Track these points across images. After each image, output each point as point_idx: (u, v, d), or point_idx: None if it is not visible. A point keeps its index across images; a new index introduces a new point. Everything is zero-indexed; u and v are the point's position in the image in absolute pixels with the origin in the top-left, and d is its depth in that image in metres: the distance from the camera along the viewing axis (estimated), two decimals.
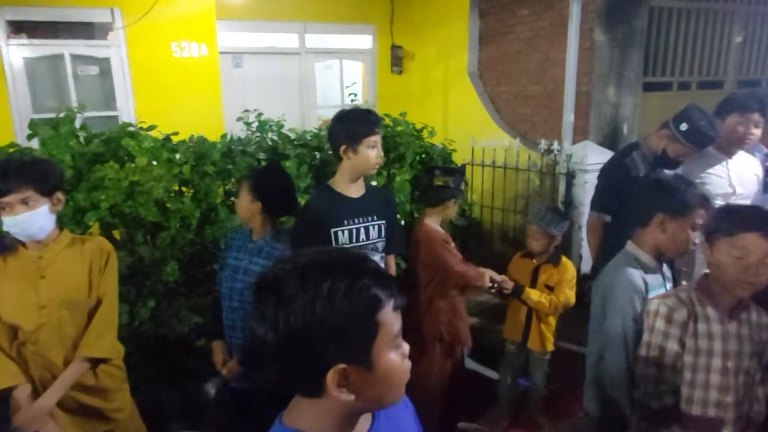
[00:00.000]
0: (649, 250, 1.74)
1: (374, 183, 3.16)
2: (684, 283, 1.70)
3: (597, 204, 2.69)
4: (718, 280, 1.52)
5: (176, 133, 3.02)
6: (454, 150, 3.69)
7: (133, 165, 2.69)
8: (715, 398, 1.52)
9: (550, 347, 2.67)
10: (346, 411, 0.82)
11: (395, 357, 0.82)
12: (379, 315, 0.79)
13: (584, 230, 3.11)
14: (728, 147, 2.65)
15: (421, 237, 2.52)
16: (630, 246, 1.79)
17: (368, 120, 2.03)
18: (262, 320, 0.78)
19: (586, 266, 3.95)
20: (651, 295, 1.69)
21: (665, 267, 1.84)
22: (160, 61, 4.52)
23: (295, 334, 0.75)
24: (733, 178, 2.66)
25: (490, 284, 2.53)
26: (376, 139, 2.04)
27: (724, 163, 2.67)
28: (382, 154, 2.10)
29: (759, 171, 2.76)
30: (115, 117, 4.52)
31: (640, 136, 3.21)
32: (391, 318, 0.80)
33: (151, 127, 2.93)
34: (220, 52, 4.89)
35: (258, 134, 3.28)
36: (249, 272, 2.07)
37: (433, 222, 2.53)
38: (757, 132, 2.61)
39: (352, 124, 2.04)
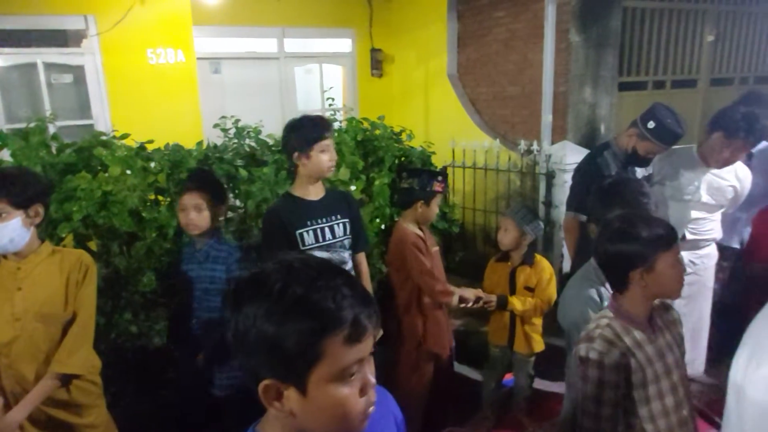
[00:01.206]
0: None
1: (353, 187, 3.15)
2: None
3: (572, 204, 2.72)
4: (635, 297, 1.44)
5: (151, 141, 2.98)
6: (433, 152, 3.70)
7: (106, 175, 2.65)
8: (676, 420, 1.44)
9: (538, 348, 2.68)
10: (299, 428, 0.79)
11: (342, 391, 0.75)
12: (324, 342, 0.72)
13: None
14: (707, 159, 2.67)
15: (393, 239, 2.52)
16: (593, 258, 1.78)
17: (317, 126, 2.12)
18: (228, 321, 0.78)
19: (568, 265, 3.99)
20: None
21: None
22: (135, 68, 4.47)
23: (239, 339, 0.75)
24: (704, 187, 2.69)
25: (473, 302, 2.53)
26: (326, 143, 2.12)
27: (700, 171, 2.69)
28: (335, 157, 2.17)
29: (737, 183, 2.75)
30: (91, 125, 4.45)
31: (613, 136, 3.25)
32: (340, 349, 0.73)
33: (124, 136, 2.89)
34: (198, 58, 4.85)
35: (235, 141, 3.26)
36: (201, 279, 2.16)
37: (408, 223, 2.53)
38: (741, 156, 2.61)
39: (301, 132, 2.13)
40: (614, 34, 4.28)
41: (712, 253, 2.84)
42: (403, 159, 3.51)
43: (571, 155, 4.08)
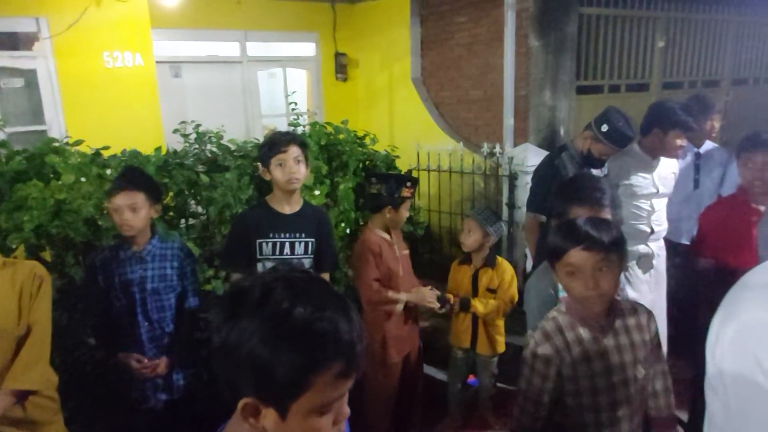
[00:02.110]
0: None
1: (317, 192, 3.14)
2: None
3: (531, 205, 2.78)
4: (571, 294, 1.49)
5: (107, 148, 2.90)
6: (397, 156, 3.72)
7: (59, 182, 2.55)
8: (607, 418, 1.48)
9: (501, 349, 2.73)
10: None
11: (320, 422, 0.75)
12: (314, 377, 0.72)
13: None
14: (653, 152, 2.79)
15: (357, 243, 2.54)
16: None
17: (276, 141, 2.19)
18: (215, 322, 0.76)
19: (531, 265, 4.08)
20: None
21: None
22: (91, 72, 4.33)
23: (228, 350, 0.73)
24: (656, 179, 2.81)
25: (440, 306, 2.57)
26: (282, 157, 2.17)
27: (648, 164, 2.81)
28: (297, 170, 2.20)
29: (676, 169, 2.94)
30: (44, 132, 4.29)
31: (570, 138, 3.36)
32: (328, 385, 0.72)
33: (78, 142, 2.80)
34: (157, 62, 4.73)
35: (196, 146, 3.20)
36: (149, 280, 2.15)
37: (376, 228, 2.54)
38: (684, 143, 2.77)
39: (264, 147, 2.23)
40: (571, 40, 4.42)
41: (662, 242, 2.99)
42: (367, 163, 3.52)
43: (532, 157, 4.18)
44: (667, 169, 2.86)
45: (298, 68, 6.00)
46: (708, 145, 3.22)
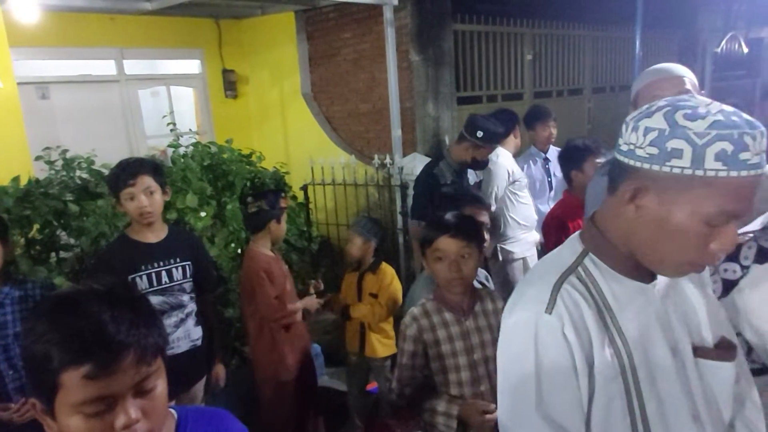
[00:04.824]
0: None
1: (203, 214, 3.06)
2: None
3: (415, 213, 2.93)
4: (444, 287, 1.71)
5: None
6: (287, 172, 3.72)
7: None
8: (470, 392, 1.66)
9: (389, 352, 2.81)
10: None
11: (78, 423, 0.75)
12: (62, 375, 0.73)
13: None
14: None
15: (244, 267, 2.52)
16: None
17: (123, 173, 2.07)
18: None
19: None
20: None
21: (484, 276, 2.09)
22: None
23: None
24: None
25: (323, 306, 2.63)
26: (130, 191, 2.06)
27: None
28: (146, 204, 2.08)
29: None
30: None
31: (446, 147, 3.61)
32: (77, 383, 0.72)
33: None
34: (20, 83, 4.33)
35: (64, 173, 2.98)
36: (7, 325, 1.96)
37: (261, 247, 2.53)
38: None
39: (111, 180, 2.11)
40: (449, 54, 4.70)
41: None
42: (256, 181, 3.48)
43: (420, 166, 4.34)
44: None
45: (184, 86, 5.79)
46: (552, 150, 3.59)
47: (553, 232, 2.54)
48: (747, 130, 0.77)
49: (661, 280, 0.94)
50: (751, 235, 1.21)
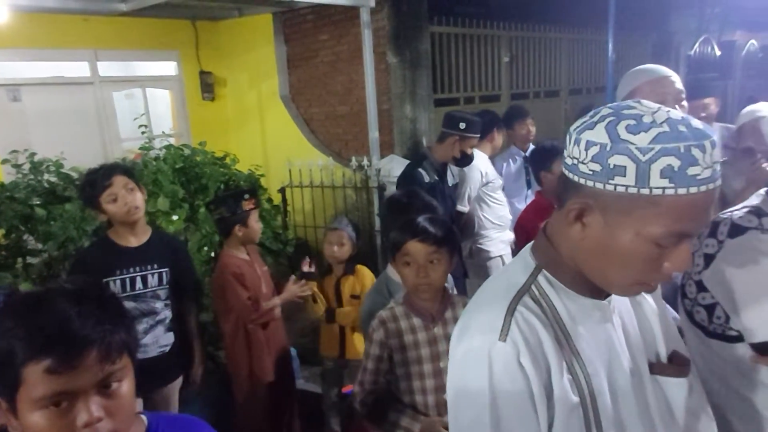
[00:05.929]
0: None
1: (175, 217, 3.02)
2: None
3: None
4: (412, 292, 1.65)
5: None
6: (262, 174, 3.70)
7: None
8: (434, 400, 1.60)
9: None
10: None
11: (38, 420, 0.73)
12: (24, 370, 0.72)
13: None
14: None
15: (215, 271, 2.50)
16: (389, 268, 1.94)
17: (98, 178, 2.07)
18: None
19: None
20: None
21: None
22: None
23: None
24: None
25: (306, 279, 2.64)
26: (111, 191, 2.05)
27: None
28: (130, 200, 2.08)
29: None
30: None
31: (427, 148, 3.62)
32: (38, 378, 0.72)
33: None
34: None
35: (32, 177, 2.92)
36: None
37: (232, 250, 2.51)
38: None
39: (85, 190, 2.10)
40: (425, 56, 4.72)
41: None
42: (230, 183, 3.45)
43: (398, 168, 4.37)
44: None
45: (160, 88, 5.72)
46: (532, 147, 3.66)
47: (523, 240, 2.58)
48: (694, 142, 0.70)
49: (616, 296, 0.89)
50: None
